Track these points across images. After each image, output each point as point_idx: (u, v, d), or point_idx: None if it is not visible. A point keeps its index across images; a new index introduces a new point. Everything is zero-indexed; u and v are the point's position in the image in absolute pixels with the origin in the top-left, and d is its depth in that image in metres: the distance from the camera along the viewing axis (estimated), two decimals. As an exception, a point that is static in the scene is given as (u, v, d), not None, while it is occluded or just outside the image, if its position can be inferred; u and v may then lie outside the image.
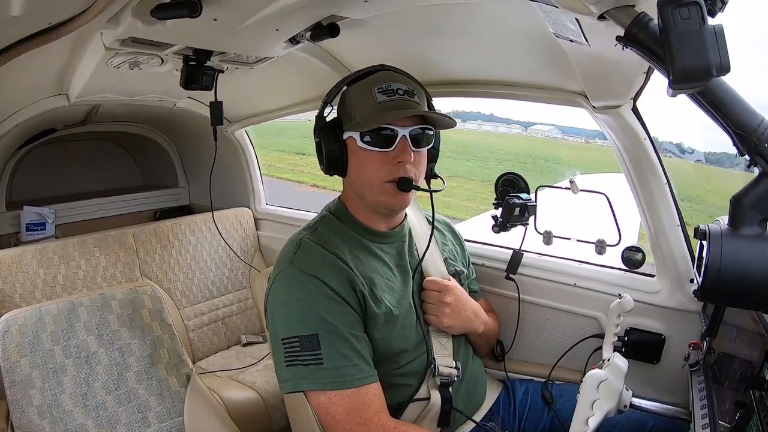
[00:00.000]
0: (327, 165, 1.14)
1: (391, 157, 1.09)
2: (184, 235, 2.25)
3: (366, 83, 1.13)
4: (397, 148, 1.09)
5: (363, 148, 1.09)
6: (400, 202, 1.14)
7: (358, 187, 1.15)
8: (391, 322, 1.11)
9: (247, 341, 2.27)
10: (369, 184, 1.12)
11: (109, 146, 2.85)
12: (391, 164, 1.09)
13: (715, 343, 1.17)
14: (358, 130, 1.09)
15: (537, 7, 0.96)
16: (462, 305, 1.24)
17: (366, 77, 1.14)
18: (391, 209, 1.16)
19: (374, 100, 1.09)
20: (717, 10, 0.70)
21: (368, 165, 1.10)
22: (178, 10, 1.02)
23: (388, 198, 1.12)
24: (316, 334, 1.01)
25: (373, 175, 1.10)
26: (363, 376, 1.03)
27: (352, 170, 1.13)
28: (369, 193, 1.13)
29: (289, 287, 1.06)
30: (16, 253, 1.82)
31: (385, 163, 1.09)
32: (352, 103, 1.12)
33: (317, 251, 1.09)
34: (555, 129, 20.35)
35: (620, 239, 1.45)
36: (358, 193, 1.16)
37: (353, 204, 1.19)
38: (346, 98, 1.14)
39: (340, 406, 1.01)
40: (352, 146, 1.11)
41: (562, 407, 1.30)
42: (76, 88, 1.59)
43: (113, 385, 1.25)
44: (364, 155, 1.10)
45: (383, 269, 1.16)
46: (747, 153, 0.76)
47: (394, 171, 1.09)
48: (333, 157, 1.12)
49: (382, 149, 1.09)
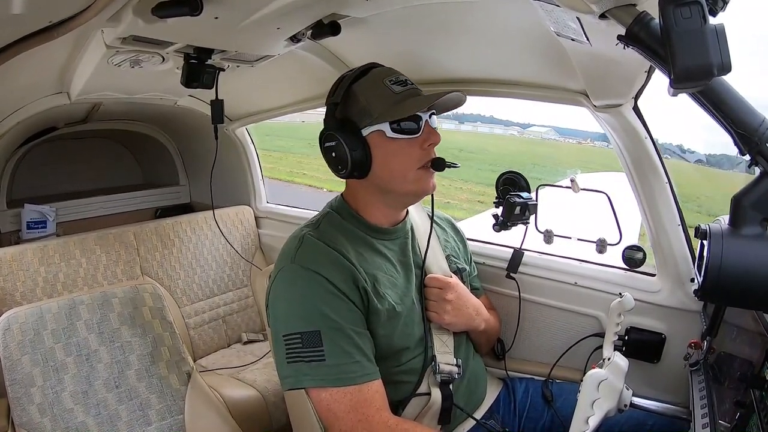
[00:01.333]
0: (352, 167, 1.09)
1: (420, 142, 1.10)
2: (185, 233, 2.25)
3: (373, 78, 1.12)
4: (424, 132, 1.10)
5: (393, 139, 1.09)
6: (433, 185, 1.15)
7: (385, 182, 1.12)
8: (393, 318, 1.11)
9: (247, 339, 2.28)
10: (401, 175, 1.11)
11: (110, 144, 2.85)
12: (421, 149, 1.10)
13: (715, 343, 1.17)
14: (385, 121, 1.08)
15: (538, 5, 0.96)
16: (464, 302, 1.24)
17: (366, 74, 1.14)
18: (425, 194, 1.16)
19: (391, 91, 1.10)
20: (718, 9, 0.70)
21: (399, 154, 1.10)
22: (179, 9, 1.02)
23: (423, 184, 1.13)
24: (318, 330, 1.01)
25: (405, 163, 1.10)
26: (365, 373, 1.03)
27: (377, 166, 1.11)
28: (401, 184, 1.12)
29: (292, 283, 1.06)
30: (17, 251, 1.82)
31: (415, 149, 1.10)
32: (367, 99, 1.10)
33: (320, 247, 1.08)
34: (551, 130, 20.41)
35: (621, 238, 1.45)
36: (383, 188, 1.14)
37: (367, 201, 1.17)
38: (356, 96, 1.12)
39: (342, 403, 1.01)
40: (378, 140, 1.09)
41: (562, 406, 1.30)
42: (77, 87, 1.59)
43: (114, 383, 1.25)
44: (394, 146, 1.09)
45: (386, 266, 1.16)
46: (748, 153, 0.76)
47: (425, 155, 1.11)
48: (358, 156, 1.09)
49: (412, 136, 1.10)
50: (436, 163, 1.12)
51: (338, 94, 1.12)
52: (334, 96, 1.13)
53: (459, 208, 10.65)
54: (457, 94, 1.14)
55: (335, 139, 1.10)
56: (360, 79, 1.13)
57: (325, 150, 1.13)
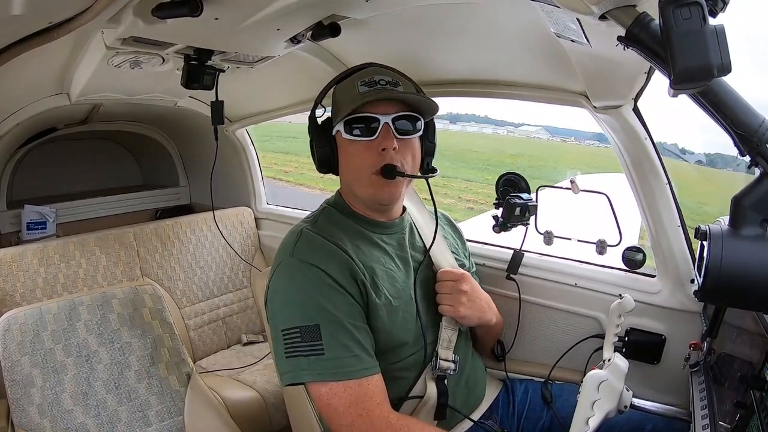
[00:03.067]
0: (319, 163, 1.17)
1: (375, 146, 1.09)
2: (185, 235, 2.25)
3: (351, 79, 1.15)
4: (380, 135, 1.09)
5: (349, 140, 1.11)
6: (389, 194, 1.12)
7: (349, 182, 1.17)
8: (391, 312, 1.10)
9: (247, 341, 2.28)
10: (358, 177, 1.12)
11: (110, 145, 2.86)
12: (376, 153, 1.09)
13: (715, 344, 1.17)
14: (341, 120, 1.11)
15: (538, 7, 0.96)
16: (477, 294, 1.24)
17: (352, 74, 1.16)
18: (380, 202, 1.15)
19: (357, 92, 1.10)
20: (718, 10, 0.70)
21: (355, 156, 1.11)
22: (179, 9, 1.02)
23: (376, 190, 1.11)
24: (317, 324, 1.00)
25: (360, 165, 1.11)
26: (365, 367, 1.02)
27: (341, 166, 1.16)
28: (359, 186, 1.14)
29: (290, 277, 1.05)
30: (16, 252, 1.82)
31: (371, 153, 1.09)
32: (339, 99, 1.15)
33: (317, 241, 1.09)
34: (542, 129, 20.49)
35: (621, 239, 1.45)
36: (350, 188, 1.17)
37: (348, 198, 1.21)
38: (334, 96, 1.17)
39: (342, 397, 1.00)
40: (340, 140, 1.14)
41: (562, 407, 1.30)
42: (77, 87, 1.59)
43: (114, 384, 1.25)
44: (351, 147, 1.11)
45: (384, 259, 1.16)
46: (748, 153, 0.76)
47: (379, 160, 1.09)
48: (324, 154, 1.15)
49: (366, 138, 1.09)
50: (385, 169, 1.09)
51: (323, 93, 1.19)
52: (320, 95, 1.20)
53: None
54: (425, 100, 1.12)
55: (310, 135, 1.17)
56: (345, 78, 1.17)
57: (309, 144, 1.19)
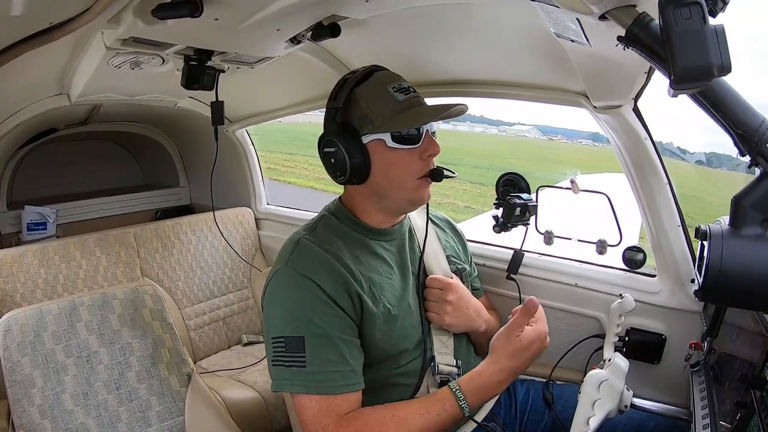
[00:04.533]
0: (351, 173, 1.09)
1: (419, 152, 1.10)
2: (185, 235, 2.25)
3: (375, 83, 1.11)
4: (424, 142, 1.10)
5: (393, 148, 1.08)
6: (428, 195, 1.15)
7: (383, 189, 1.12)
8: (390, 321, 1.11)
9: (248, 341, 2.28)
10: (400, 184, 1.11)
11: (110, 146, 2.86)
12: (420, 159, 1.10)
13: (716, 344, 1.17)
14: (388, 130, 1.08)
15: (538, 7, 0.96)
16: (464, 303, 1.23)
17: (368, 78, 1.12)
18: (421, 203, 1.17)
19: (394, 99, 1.09)
20: (718, 10, 0.70)
21: (399, 164, 1.09)
22: (178, 10, 1.02)
23: (421, 193, 1.13)
24: (302, 336, 1.01)
25: (405, 173, 1.10)
26: (346, 383, 1.02)
27: (376, 174, 1.10)
28: (399, 192, 1.12)
29: (283, 287, 1.06)
30: (17, 252, 1.82)
31: (413, 159, 1.10)
32: (368, 105, 1.09)
33: (314, 252, 1.08)
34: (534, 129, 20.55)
35: (621, 239, 1.45)
36: (381, 195, 1.13)
37: (363, 206, 1.17)
38: (357, 101, 1.10)
39: (320, 410, 1.01)
40: (378, 148, 1.09)
41: (563, 407, 1.30)
42: (77, 88, 1.59)
43: (114, 384, 1.25)
44: (394, 155, 1.09)
45: (383, 268, 1.16)
46: (748, 153, 0.76)
47: (424, 165, 1.11)
48: (357, 164, 1.08)
49: (412, 146, 1.09)
50: (435, 173, 1.12)
51: (340, 99, 1.10)
52: (336, 100, 1.11)
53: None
54: (460, 107, 1.12)
55: (335, 146, 1.09)
56: (362, 83, 1.11)
57: (324, 155, 1.12)
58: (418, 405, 1.03)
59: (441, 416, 1.01)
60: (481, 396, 1.04)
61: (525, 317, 1.05)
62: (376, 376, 1.09)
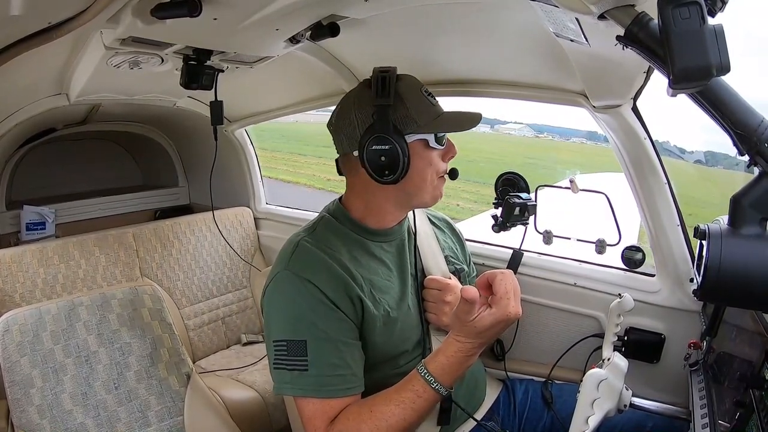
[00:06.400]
0: (401, 170, 1.06)
1: (443, 154, 1.15)
2: (184, 235, 2.25)
3: (409, 86, 1.12)
4: (447, 144, 1.16)
5: (432, 149, 1.12)
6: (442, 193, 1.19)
7: (416, 188, 1.13)
8: (390, 323, 1.11)
9: (247, 341, 2.28)
10: (430, 182, 1.14)
11: (109, 146, 2.85)
12: (443, 160, 1.16)
13: (715, 343, 1.17)
14: (432, 132, 1.11)
15: (537, 6, 0.96)
16: None
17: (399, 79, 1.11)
18: (438, 200, 1.19)
19: (430, 102, 1.13)
20: (717, 9, 0.70)
21: (432, 163, 1.13)
22: (177, 10, 1.02)
23: (438, 191, 1.17)
24: (305, 340, 1.01)
25: (434, 172, 1.14)
26: (347, 387, 1.03)
27: (413, 173, 1.09)
28: (426, 191, 1.14)
29: (283, 290, 1.06)
30: (16, 252, 1.82)
31: (440, 161, 1.15)
32: (411, 106, 1.09)
33: (313, 254, 1.08)
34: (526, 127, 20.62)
35: (620, 239, 1.46)
36: (411, 193, 1.13)
37: (373, 204, 1.16)
38: (402, 101, 1.09)
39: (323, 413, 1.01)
40: (419, 149, 1.11)
41: (562, 407, 1.30)
42: (76, 88, 1.59)
43: (113, 384, 1.25)
44: (431, 155, 1.12)
45: (382, 270, 1.16)
46: (747, 153, 0.76)
47: (443, 165, 1.16)
48: (406, 163, 1.06)
49: (442, 147, 1.14)
50: (453, 172, 1.19)
51: (389, 96, 1.07)
52: (384, 97, 1.07)
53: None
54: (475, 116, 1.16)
55: (389, 143, 1.05)
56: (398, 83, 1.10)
57: (372, 152, 1.06)
58: (394, 395, 1.02)
59: (417, 403, 1.00)
60: (452, 373, 1.01)
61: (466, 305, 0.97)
62: (375, 378, 1.09)
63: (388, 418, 0.99)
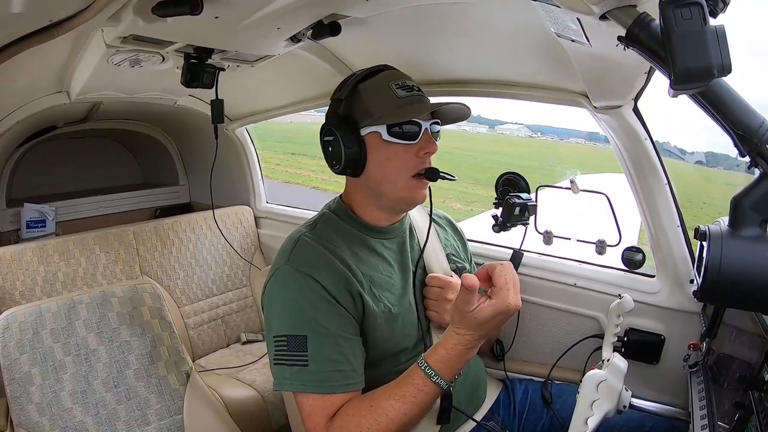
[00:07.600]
0: (346, 163, 1.10)
1: (416, 150, 1.10)
2: (185, 233, 2.25)
3: (380, 80, 1.12)
4: (422, 140, 1.10)
5: (389, 142, 1.09)
6: (423, 196, 1.14)
7: (377, 184, 1.12)
8: (390, 320, 1.11)
9: (246, 339, 2.28)
10: (393, 180, 1.11)
11: (110, 144, 2.86)
12: (416, 157, 1.10)
13: (714, 344, 1.17)
14: (383, 123, 1.08)
15: (538, 6, 0.96)
16: None
17: (375, 75, 1.14)
18: (414, 203, 1.16)
19: (395, 94, 1.10)
20: (718, 10, 0.70)
21: (393, 159, 1.09)
22: (179, 8, 1.02)
23: (413, 192, 1.12)
24: (305, 335, 1.01)
25: (398, 169, 1.10)
26: (347, 382, 1.02)
27: (371, 167, 1.11)
28: (391, 189, 1.11)
29: (284, 285, 1.06)
30: (16, 250, 1.82)
31: (409, 155, 1.10)
32: (370, 99, 1.11)
33: (314, 249, 1.08)
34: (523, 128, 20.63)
35: (620, 239, 1.45)
36: (375, 190, 1.13)
37: (360, 202, 1.17)
38: (360, 95, 1.12)
39: (323, 409, 1.01)
40: (374, 142, 1.09)
41: (562, 407, 1.30)
42: (76, 86, 1.59)
43: (113, 382, 1.25)
44: (389, 150, 1.09)
45: (383, 266, 1.16)
46: (748, 154, 0.76)
47: (419, 163, 1.10)
48: (353, 154, 1.09)
49: (408, 142, 1.09)
50: (430, 172, 1.11)
51: (343, 91, 1.12)
52: (340, 92, 1.13)
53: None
54: (461, 107, 1.13)
55: (333, 135, 1.10)
56: (367, 79, 1.13)
57: (323, 144, 1.13)
58: (395, 390, 1.01)
59: (418, 397, 0.99)
60: (452, 366, 1.00)
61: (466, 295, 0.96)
62: (375, 375, 1.09)
63: (388, 413, 0.99)
